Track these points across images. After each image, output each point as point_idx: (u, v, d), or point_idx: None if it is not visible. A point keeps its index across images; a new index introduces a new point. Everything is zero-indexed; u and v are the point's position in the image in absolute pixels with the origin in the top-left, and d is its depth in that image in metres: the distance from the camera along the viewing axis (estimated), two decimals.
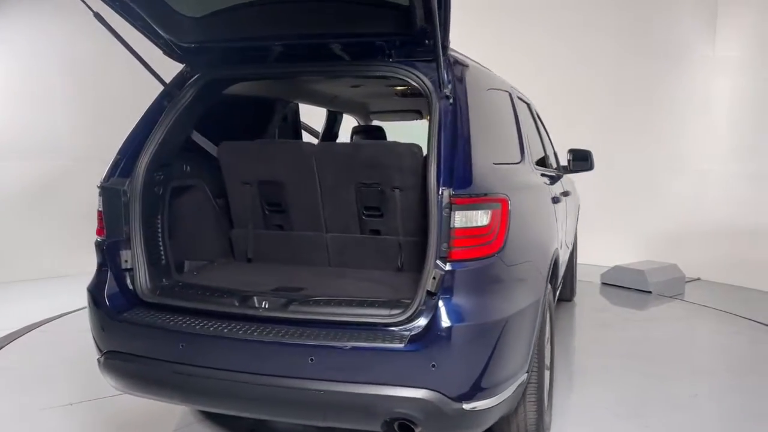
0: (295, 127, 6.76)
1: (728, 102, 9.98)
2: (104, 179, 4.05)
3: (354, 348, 3.23)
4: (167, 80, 4.48)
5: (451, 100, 3.58)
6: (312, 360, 3.28)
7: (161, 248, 4.47)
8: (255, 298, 3.72)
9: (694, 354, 6.63)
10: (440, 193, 3.25)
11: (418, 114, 8.22)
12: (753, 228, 9.22)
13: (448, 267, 3.24)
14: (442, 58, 3.45)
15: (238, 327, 3.54)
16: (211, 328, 3.59)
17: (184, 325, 3.67)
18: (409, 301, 3.33)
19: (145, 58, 4.24)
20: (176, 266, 4.64)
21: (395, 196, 4.62)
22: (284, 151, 4.94)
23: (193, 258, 5.02)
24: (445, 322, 3.20)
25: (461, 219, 3.23)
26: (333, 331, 3.38)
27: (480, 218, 3.27)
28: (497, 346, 3.27)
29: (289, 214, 4.94)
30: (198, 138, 4.86)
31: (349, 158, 4.67)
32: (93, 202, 4.26)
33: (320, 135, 7.61)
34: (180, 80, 4.42)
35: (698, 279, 9.77)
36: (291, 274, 4.74)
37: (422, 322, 3.24)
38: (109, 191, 3.99)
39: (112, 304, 3.99)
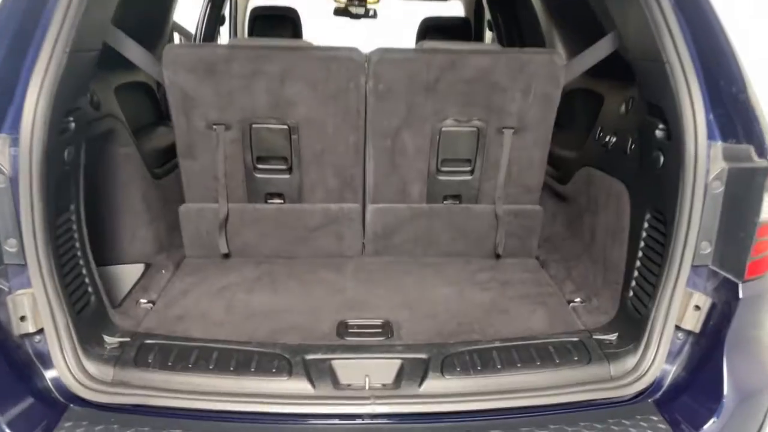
0: None
1: None
2: None
3: None
4: None
5: None
6: None
7: (84, 268, 2.21)
8: (335, 369, 2.13)
9: None
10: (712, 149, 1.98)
11: None
12: None
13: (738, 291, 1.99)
14: None
15: None
16: None
17: None
18: (609, 338, 2.28)
19: None
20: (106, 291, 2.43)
21: (503, 141, 2.73)
22: (304, 60, 2.67)
23: (116, 260, 2.75)
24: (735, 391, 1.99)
25: None
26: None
27: None
28: None
29: (298, 176, 2.81)
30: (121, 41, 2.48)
31: (433, 77, 2.62)
32: None
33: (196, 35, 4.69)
34: None
35: None
36: (328, 285, 2.71)
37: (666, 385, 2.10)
38: None
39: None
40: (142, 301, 2.53)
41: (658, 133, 2.21)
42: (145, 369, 2.04)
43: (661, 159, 2.18)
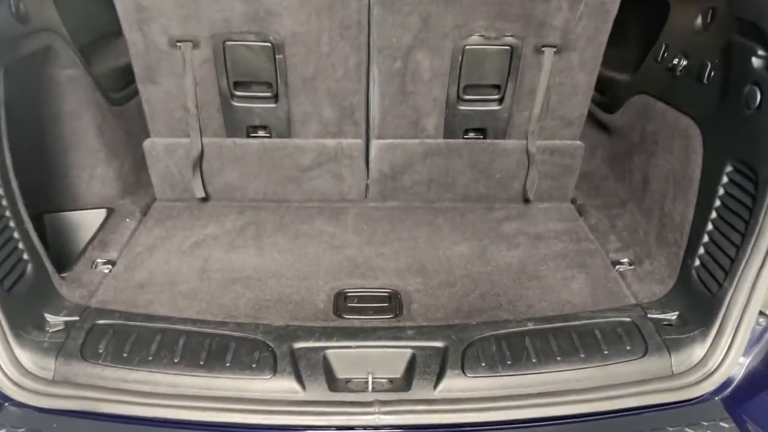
0: None
1: None
2: None
3: None
4: None
5: None
6: None
7: (14, 230, 1.77)
8: (331, 362, 1.74)
9: None
10: None
11: None
12: None
13: None
14: None
15: None
16: None
17: None
18: (668, 317, 1.88)
19: None
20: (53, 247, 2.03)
21: (541, 63, 2.19)
22: None
23: (71, 205, 2.32)
24: None
25: None
26: None
27: None
28: None
29: (286, 105, 2.29)
30: None
31: None
32: None
33: None
34: None
35: None
36: (324, 239, 2.27)
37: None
38: None
39: None
40: (99, 261, 2.09)
41: (756, 62, 1.66)
42: (94, 362, 1.63)
43: (758, 96, 1.64)
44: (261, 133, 2.39)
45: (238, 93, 2.27)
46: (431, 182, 2.49)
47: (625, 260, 2.15)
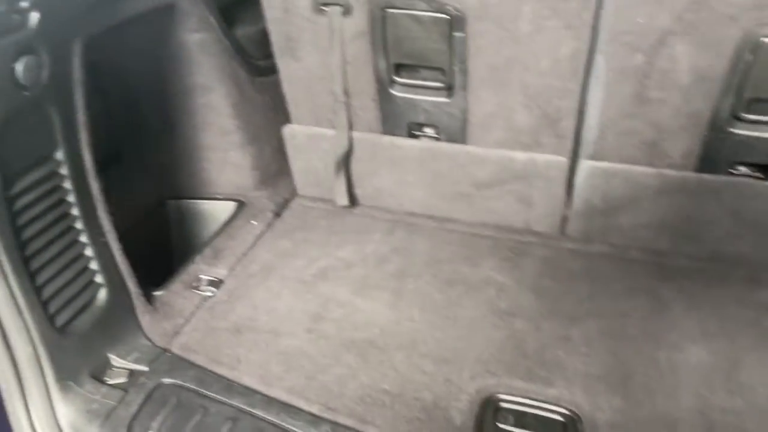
0: None
1: None
2: None
3: None
4: None
5: None
6: None
7: (88, 246, 1.40)
8: None
9: None
10: None
11: None
12: None
13: None
14: None
15: None
16: None
17: None
18: None
19: None
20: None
21: None
22: None
23: (197, 193, 2.00)
24: None
25: None
26: None
27: None
28: None
29: (462, 100, 1.63)
30: None
31: None
32: None
33: None
34: None
35: None
36: (490, 293, 1.62)
37: None
38: None
39: None
40: (204, 278, 1.68)
41: None
42: None
43: None
44: (427, 132, 1.77)
45: (399, 79, 1.66)
46: (664, 229, 1.68)
47: None
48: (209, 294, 1.65)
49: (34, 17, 1.14)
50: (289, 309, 1.59)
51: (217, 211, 1.99)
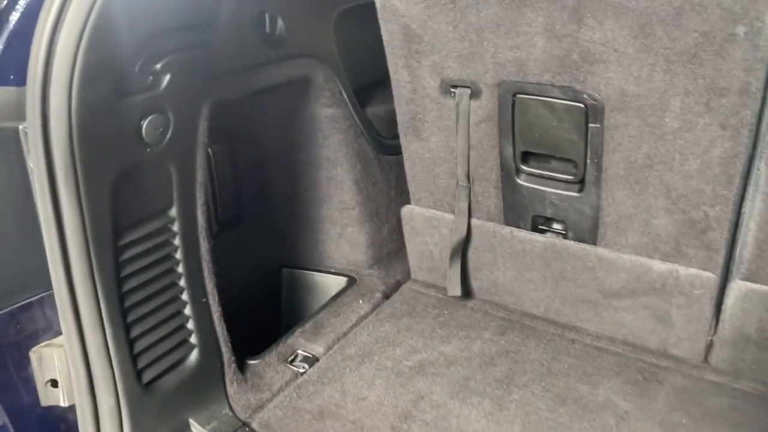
0: None
1: None
2: None
3: None
4: None
5: None
6: None
7: (187, 305, 1.39)
8: None
9: None
10: None
11: None
12: None
13: None
14: None
15: None
16: None
17: None
18: None
19: None
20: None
21: None
22: None
23: (308, 264, 1.96)
24: None
25: None
26: None
27: None
28: None
29: (595, 196, 1.48)
30: None
31: None
32: None
33: None
34: None
35: None
36: (606, 419, 1.41)
37: None
38: None
39: None
40: (300, 353, 1.63)
41: None
42: None
43: None
44: (554, 227, 1.62)
45: (526, 168, 1.55)
46: None
47: None
48: (301, 371, 1.58)
49: (166, 79, 1.20)
50: (378, 401, 1.48)
51: (328, 284, 1.95)
